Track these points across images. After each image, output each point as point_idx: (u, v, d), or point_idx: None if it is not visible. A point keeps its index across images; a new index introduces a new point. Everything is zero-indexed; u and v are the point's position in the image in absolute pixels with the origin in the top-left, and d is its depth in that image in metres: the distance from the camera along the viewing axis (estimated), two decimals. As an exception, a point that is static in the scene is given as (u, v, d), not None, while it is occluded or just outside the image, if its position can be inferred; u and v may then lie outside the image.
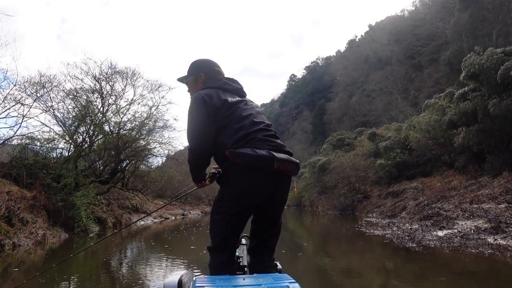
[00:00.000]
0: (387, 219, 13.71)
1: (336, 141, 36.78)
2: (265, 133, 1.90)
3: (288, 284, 1.34)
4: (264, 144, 1.83)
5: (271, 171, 1.77)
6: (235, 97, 2.03)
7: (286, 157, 1.83)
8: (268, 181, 1.81)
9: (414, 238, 7.58)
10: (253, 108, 2.05)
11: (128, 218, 15.93)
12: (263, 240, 1.99)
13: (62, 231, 10.44)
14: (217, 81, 2.11)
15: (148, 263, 7.12)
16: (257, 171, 1.77)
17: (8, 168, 12.10)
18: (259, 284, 1.35)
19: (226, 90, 2.06)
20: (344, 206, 22.07)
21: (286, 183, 1.93)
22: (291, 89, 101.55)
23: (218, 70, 2.23)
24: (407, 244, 7.25)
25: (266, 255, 1.99)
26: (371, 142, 25.60)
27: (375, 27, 67.76)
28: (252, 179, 1.79)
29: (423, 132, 18.61)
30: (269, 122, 2.03)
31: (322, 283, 4.97)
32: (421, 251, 6.63)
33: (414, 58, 45.02)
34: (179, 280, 1.60)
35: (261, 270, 1.83)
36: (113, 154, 16.79)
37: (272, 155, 1.77)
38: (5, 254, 7.40)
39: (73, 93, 15.38)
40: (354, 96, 57.11)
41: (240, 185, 1.81)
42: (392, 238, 8.17)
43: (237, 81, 2.20)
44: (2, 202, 8.16)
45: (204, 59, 2.28)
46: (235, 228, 1.88)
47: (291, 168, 1.85)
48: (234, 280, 1.46)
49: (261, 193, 1.83)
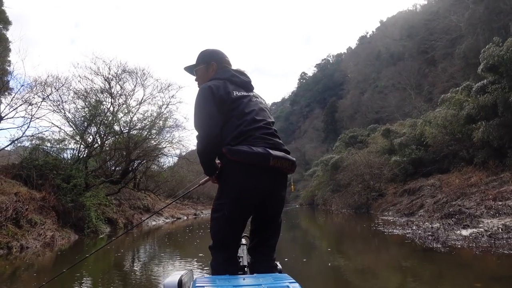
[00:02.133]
0: (405, 218, 13.23)
1: (348, 138, 36.19)
2: (264, 131, 1.91)
3: (288, 284, 1.32)
4: (261, 142, 1.85)
5: (267, 168, 1.79)
6: (240, 91, 2.02)
7: (282, 155, 1.85)
8: (265, 178, 1.82)
9: (438, 238, 7.12)
10: (257, 104, 2.04)
11: (139, 218, 15.76)
12: (263, 239, 1.98)
13: (71, 232, 10.28)
14: (225, 72, 2.10)
15: (160, 263, 6.87)
16: (254, 168, 1.79)
17: (18, 169, 12.03)
18: (259, 284, 1.34)
19: (234, 82, 2.05)
20: (358, 204, 21.57)
21: (283, 181, 1.94)
22: (302, 87, 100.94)
23: (228, 60, 2.23)
24: (431, 245, 6.80)
25: (266, 255, 1.97)
26: (385, 139, 25.02)
27: (387, 23, 66.87)
28: (249, 176, 1.80)
29: (440, 128, 18.02)
30: (271, 120, 2.04)
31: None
32: (448, 252, 6.16)
33: (428, 52, 44.15)
34: (179, 280, 1.60)
35: (261, 269, 1.84)
36: (124, 154, 16.67)
37: (267, 152, 1.79)
38: (13, 257, 7.23)
39: (83, 93, 15.33)
40: (366, 93, 56.39)
41: (238, 182, 1.82)
42: (414, 238, 7.71)
43: (246, 74, 2.17)
44: (10, 204, 8.01)
45: (214, 49, 2.26)
46: (235, 226, 1.87)
47: (287, 165, 1.87)
48: (234, 280, 1.44)
49: (259, 190, 1.84)
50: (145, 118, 16.82)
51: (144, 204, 18.22)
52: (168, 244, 10.47)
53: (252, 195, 1.83)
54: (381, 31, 68.06)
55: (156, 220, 17.75)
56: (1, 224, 7.53)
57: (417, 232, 8.32)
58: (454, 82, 32.38)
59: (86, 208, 11.33)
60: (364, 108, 51.99)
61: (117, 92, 17.10)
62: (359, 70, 66.20)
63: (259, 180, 1.81)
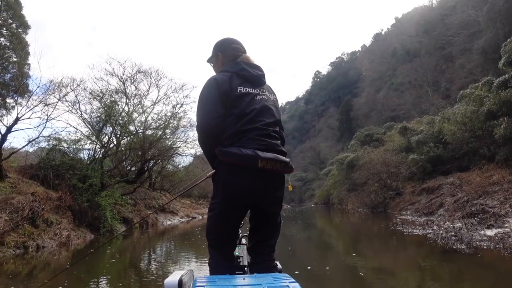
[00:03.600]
0: (424, 217, 12.89)
1: (364, 137, 35.67)
2: (259, 132, 1.89)
3: (288, 284, 1.31)
4: (252, 143, 1.85)
5: (257, 169, 1.80)
6: (246, 87, 1.98)
7: (272, 156, 1.83)
8: (254, 179, 1.83)
9: (462, 238, 6.82)
10: (261, 101, 1.99)
11: (154, 218, 15.80)
12: (263, 239, 1.99)
13: (87, 231, 10.32)
14: (235, 65, 2.05)
15: (175, 263, 6.79)
16: (243, 170, 1.81)
17: (36, 169, 12.17)
18: (259, 283, 1.33)
19: (242, 77, 2.00)
20: (375, 203, 21.19)
21: (276, 181, 1.91)
22: (316, 86, 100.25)
23: (236, 47, 2.17)
24: (454, 246, 6.50)
25: (266, 254, 1.97)
26: (402, 137, 24.53)
27: (402, 19, 65.82)
28: (239, 177, 1.82)
29: (459, 125, 17.52)
30: (272, 120, 1.99)
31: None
32: (473, 254, 5.86)
33: (445, 48, 43.21)
34: (179, 280, 1.60)
35: (261, 269, 1.86)
36: (139, 154, 16.73)
37: (255, 154, 1.79)
38: (29, 256, 7.27)
39: (99, 94, 15.43)
40: (381, 90, 55.61)
41: (229, 182, 1.84)
42: (436, 239, 7.40)
43: (258, 67, 2.10)
44: (26, 203, 8.05)
45: (223, 38, 2.25)
46: (227, 226, 1.90)
47: (278, 166, 1.85)
48: (234, 279, 1.44)
49: (248, 191, 1.85)
50: (160, 118, 16.84)
51: (160, 204, 18.28)
52: (183, 243, 10.41)
53: (241, 196, 1.85)
54: (396, 28, 67.04)
55: (171, 220, 17.78)
56: (17, 224, 7.57)
57: (439, 232, 8.02)
58: (472, 78, 31.58)
59: (102, 207, 11.37)
60: (379, 106, 51.25)
61: (132, 92, 17.18)
62: (374, 67, 65.31)
63: (248, 181, 1.83)
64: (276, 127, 2.01)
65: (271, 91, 2.12)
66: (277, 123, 2.03)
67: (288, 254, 7.33)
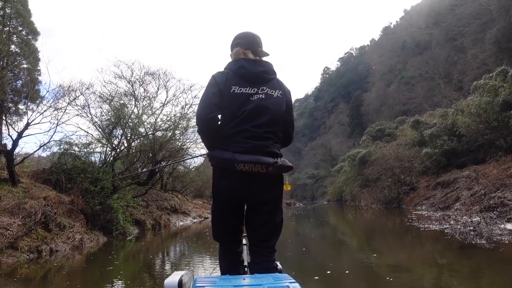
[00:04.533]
0: (440, 212, 12.62)
1: (375, 132, 35.31)
2: (246, 134, 1.92)
3: (288, 284, 1.32)
4: (235, 146, 1.90)
5: (237, 172, 1.85)
6: (242, 87, 1.98)
7: (252, 159, 1.85)
8: (236, 181, 1.89)
9: (481, 233, 6.58)
10: (257, 101, 1.97)
11: (167, 219, 15.80)
12: (261, 239, 2.01)
13: (100, 234, 10.33)
14: (235, 63, 2.07)
15: (188, 264, 6.73)
16: (226, 172, 1.90)
17: (48, 174, 12.25)
18: (259, 284, 1.34)
19: (239, 75, 2.01)
20: (389, 199, 20.89)
21: (261, 182, 1.91)
22: (325, 82, 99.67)
23: (240, 41, 2.15)
24: (474, 240, 6.28)
25: (265, 255, 1.99)
26: (414, 131, 24.18)
27: (411, 11, 64.95)
28: (223, 179, 1.93)
29: (473, 116, 17.17)
30: (266, 119, 1.96)
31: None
32: (494, 249, 5.61)
33: (456, 39, 42.44)
34: (179, 280, 1.62)
35: (261, 269, 1.87)
36: (149, 156, 16.75)
37: (233, 157, 1.84)
38: (43, 260, 7.27)
39: (108, 97, 15.50)
40: (392, 84, 55.00)
41: (216, 184, 1.97)
42: (454, 234, 7.15)
43: (261, 62, 2.09)
44: (39, 208, 8.07)
45: (235, 35, 2.26)
46: (221, 224, 2.06)
47: (259, 168, 1.85)
48: (234, 280, 1.44)
49: (232, 192, 1.92)
50: (169, 119, 16.84)
51: (172, 205, 18.26)
52: (196, 244, 10.36)
53: (226, 197, 1.95)
54: (406, 21, 66.18)
55: (183, 221, 17.78)
56: (30, 228, 7.60)
57: (456, 227, 7.78)
58: (486, 68, 30.92)
59: (114, 210, 11.38)
60: (390, 100, 50.69)
61: (141, 94, 17.22)
62: (383, 61, 64.61)
63: (230, 183, 1.90)
64: (272, 127, 1.98)
65: (277, 87, 2.06)
66: (275, 121, 1.99)
67: (304, 256, 7.19)
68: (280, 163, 1.90)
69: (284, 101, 2.07)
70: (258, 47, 2.15)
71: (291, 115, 2.14)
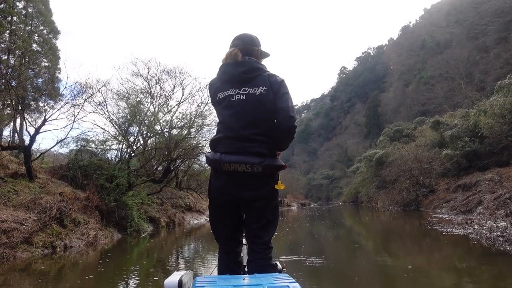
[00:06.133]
0: (461, 215, 12.19)
1: (393, 132, 34.61)
2: (233, 136, 1.97)
3: (288, 284, 1.30)
4: (224, 147, 1.97)
5: (224, 172, 1.94)
6: (225, 91, 2.03)
7: (236, 159, 1.91)
8: (225, 181, 1.97)
9: (510, 239, 6.19)
10: (237, 102, 1.99)
11: (181, 217, 15.78)
12: (255, 236, 2.02)
13: (114, 231, 10.33)
14: (219, 70, 2.11)
15: (203, 263, 6.61)
16: (217, 172, 2.01)
17: (65, 170, 12.36)
18: (259, 284, 1.33)
19: (223, 80, 2.07)
20: (407, 201, 20.39)
21: (247, 182, 1.95)
22: (341, 82, 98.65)
23: (232, 44, 2.15)
24: (502, 247, 5.93)
25: (260, 252, 1.99)
26: (434, 131, 23.56)
27: (431, 10, 63.70)
28: (215, 179, 2.03)
29: (497, 117, 16.58)
30: (248, 120, 1.96)
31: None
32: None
33: (478, 38, 41.33)
34: (179, 280, 1.61)
35: (257, 266, 1.92)
36: (165, 153, 16.76)
37: (219, 158, 1.94)
38: (57, 256, 7.27)
39: (125, 94, 15.58)
40: (410, 84, 53.97)
41: (211, 184, 2.06)
42: (480, 239, 6.79)
43: (240, 63, 2.04)
44: (54, 203, 8.09)
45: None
46: (217, 223, 2.12)
47: (244, 168, 1.90)
48: (234, 280, 1.43)
49: (222, 191, 2.00)
50: (184, 117, 16.83)
51: (186, 203, 18.24)
52: (209, 243, 10.25)
53: (219, 196, 2.02)
54: (425, 19, 64.93)
55: (197, 219, 17.75)
56: (45, 224, 7.61)
57: (481, 232, 7.42)
58: (509, 68, 30.05)
59: (129, 207, 11.38)
60: (409, 100, 49.72)
61: (157, 92, 17.27)
62: (402, 61, 63.49)
63: (220, 182, 1.99)
64: (258, 126, 1.96)
65: (261, 83, 1.99)
66: (260, 120, 1.97)
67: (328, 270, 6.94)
68: (266, 162, 1.91)
69: (271, 95, 1.98)
70: (254, 47, 2.14)
71: (282, 101, 1.98)
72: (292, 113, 1.97)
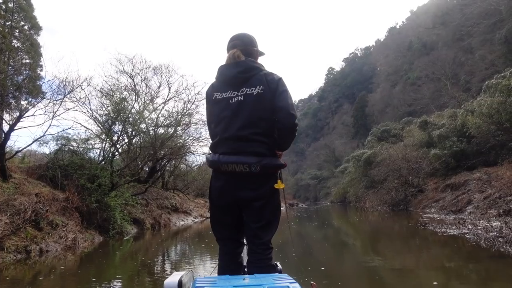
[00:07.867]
0: (452, 215, 12.07)
1: (381, 133, 34.68)
2: (231, 136, 1.97)
3: (288, 284, 1.29)
4: (222, 148, 1.98)
5: (223, 172, 1.97)
6: (222, 93, 2.03)
7: (234, 159, 1.91)
8: (223, 182, 1.99)
9: (511, 240, 5.97)
10: (236, 103, 1.98)
11: (167, 218, 15.31)
12: (255, 236, 1.99)
13: (96, 234, 9.84)
14: (217, 71, 2.11)
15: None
16: (216, 173, 2.03)
17: (43, 169, 11.78)
18: (259, 284, 1.31)
19: (221, 81, 2.08)
20: (395, 201, 20.31)
21: (245, 182, 1.94)
22: (329, 83, 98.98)
23: (229, 45, 2.15)
24: (503, 248, 5.70)
25: (261, 252, 1.97)
26: (422, 131, 23.58)
27: (418, 12, 64.35)
28: (215, 180, 2.04)
29: (484, 117, 16.58)
30: (247, 121, 1.95)
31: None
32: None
33: (463, 40, 41.83)
34: (179, 281, 1.62)
35: (257, 267, 1.90)
36: (151, 153, 16.28)
37: (218, 159, 1.95)
38: (32, 261, 6.79)
39: (108, 91, 15.05)
40: (397, 85, 54.34)
41: (212, 185, 2.08)
42: (478, 240, 6.54)
43: (237, 63, 2.04)
44: (29, 205, 7.58)
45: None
46: (217, 224, 2.11)
47: (242, 168, 1.90)
48: (234, 280, 1.41)
49: (222, 192, 2.00)
50: (171, 115, 16.38)
51: (172, 204, 17.76)
52: (196, 244, 9.86)
53: (219, 196, 2.02)
54: (412, 21, 65.58)
55: (184, 220, 17.30)
56: (19, 227, 7.10)
57: (477, 232, 7.21)
58: (495, 69, 30.33)
59: (111, 208, 10.88)
60: (396, 101, 50.05)
61: (143, 90, 16.79)
62: (389, 62, 63.96)
63: (220, 183, 2.00)
64: (256, 126, 1.95)
65: (258, 82, 1.98)
66: (258, 120, 1.95)
67: (309, 262, 6.63)
68: (264, 162, 1.89)
69: (268, 93, 1.97)
70: (252, 47, 2.14)
71: (281, 99, 1.96)
72: (292, 110, 1.96)
